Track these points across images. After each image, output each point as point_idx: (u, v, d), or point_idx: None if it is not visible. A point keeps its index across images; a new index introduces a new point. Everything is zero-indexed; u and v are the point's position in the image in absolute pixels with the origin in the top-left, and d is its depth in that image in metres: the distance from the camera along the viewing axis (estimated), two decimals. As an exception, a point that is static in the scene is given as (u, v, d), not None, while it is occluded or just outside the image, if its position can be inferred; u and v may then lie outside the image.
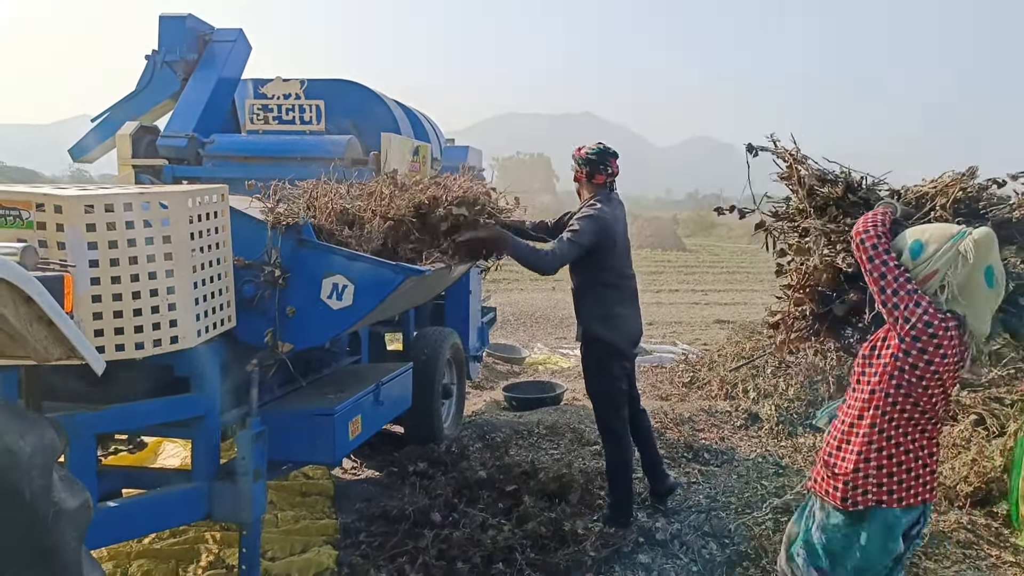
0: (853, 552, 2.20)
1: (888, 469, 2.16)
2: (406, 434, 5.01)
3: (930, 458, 2.20)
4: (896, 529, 2.19)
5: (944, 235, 2.11)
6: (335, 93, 4.96)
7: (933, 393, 2.12)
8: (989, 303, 2.10)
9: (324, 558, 3.50)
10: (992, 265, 2.07)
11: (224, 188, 2.84)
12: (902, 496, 2.15)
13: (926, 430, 2.19)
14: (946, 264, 2.07)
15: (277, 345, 2.92)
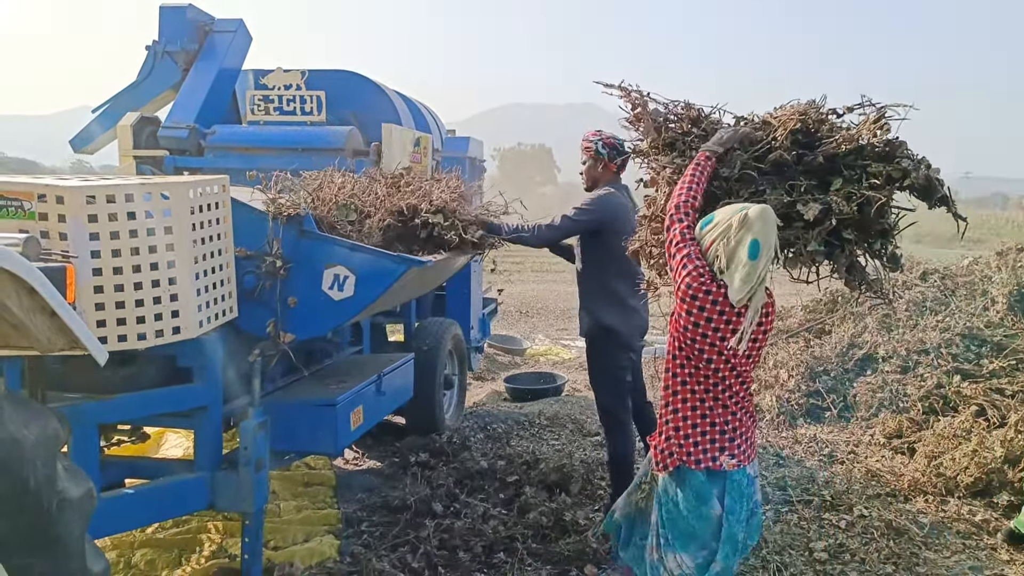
0: (677, 518, 2.31)
1: (684, 431, 2.29)
2: (407, 425, 5.02)
3: (726, 425, 2.29)
4: (705, 493, 2.26)
5: (730, 211, 2.24)
6: (336, 84, 4.94)
7: (711, 358, 2.23)
8: (748, 273, 2.16)
9: (326, 547, 3.52)
10: (758, 239, 2.16)
11: (225, 179, 2.84)
12: (699, 459, 2.26)
13: (719, 397, 2.29)
14: (719, 236, 2.21)
15: (279, 335, 2.93)
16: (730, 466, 2.28)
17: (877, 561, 3.57)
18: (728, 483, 2.28)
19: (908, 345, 5.88)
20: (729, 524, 2.26)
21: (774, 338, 7.13)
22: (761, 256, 2.17)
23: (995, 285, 6.13)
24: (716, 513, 2.27)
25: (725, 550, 2.27)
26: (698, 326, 2.21)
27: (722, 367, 2.26)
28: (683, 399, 2.31)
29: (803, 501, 4.18)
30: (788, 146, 2.45)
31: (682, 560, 2.30)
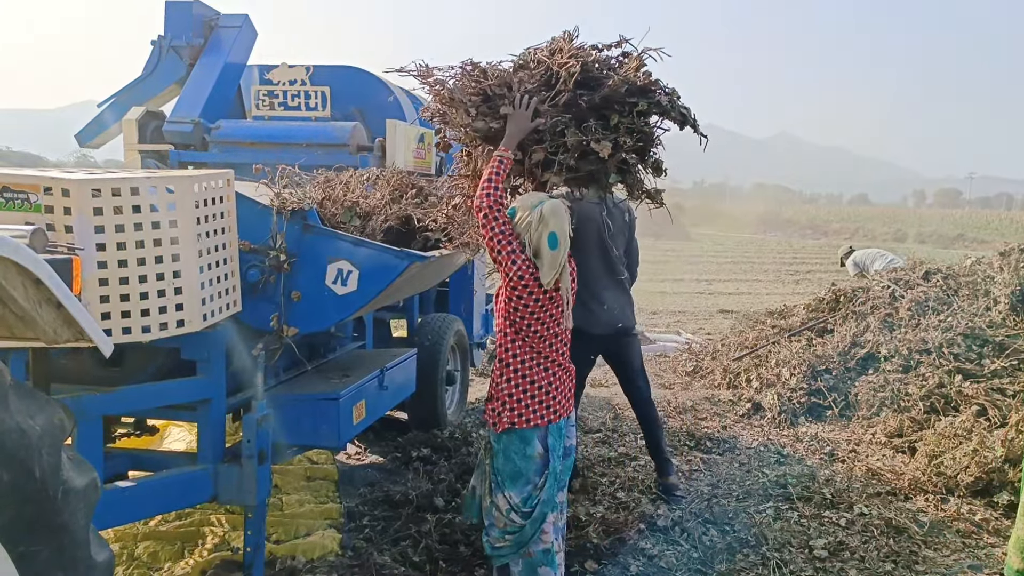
0: (506, 463, 2.68)
1: (516, 396, 2.66)
2: (409, 420, 5.04)
3: (550, 387, 2.69)
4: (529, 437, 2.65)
5: (528, 204, 2.64)
6: (341, 80, 4.96)
7: (537, 330, 2.65)
8: (552, 260, 2.58)
9: (328, 541, 3.53)
10: (555, 232, 2.57)
11: (230, 173, 2.85)
12: (529, 418, 2.65)
13: (544, 364, 2.69)
14: (524, 229, 2.61)
15: (283, 329, 2.95)
16: (553, 420, 2.69)
17: (876, 559, 3.58)
18: (550, 428, 2.69)
19: (910, 344, 5.88)
20: (552, 460, 2.68)
21: (777, 336, 7.14)
22: (560, 245, 2.59)
23: (997, 285, 6.13)
24: (539, 453, 2.67)
25: (549, 482, 2.67)
26: (527, 306, 2.61)
27: (547, 336, 2.68)
28: (514, 369, 2.68)
29: (803, 499, 4.19)
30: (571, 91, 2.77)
31: (510, 496, 2.67)
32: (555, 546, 2.74)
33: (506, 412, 2.67)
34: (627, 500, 4.12)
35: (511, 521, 2.67)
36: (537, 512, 2.66)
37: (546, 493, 2.67)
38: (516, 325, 2.66)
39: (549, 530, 2.71)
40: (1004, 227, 35.62)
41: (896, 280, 7.05)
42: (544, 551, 2.71)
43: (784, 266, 21.41)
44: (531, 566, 2.72)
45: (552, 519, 2.73)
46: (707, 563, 3.48)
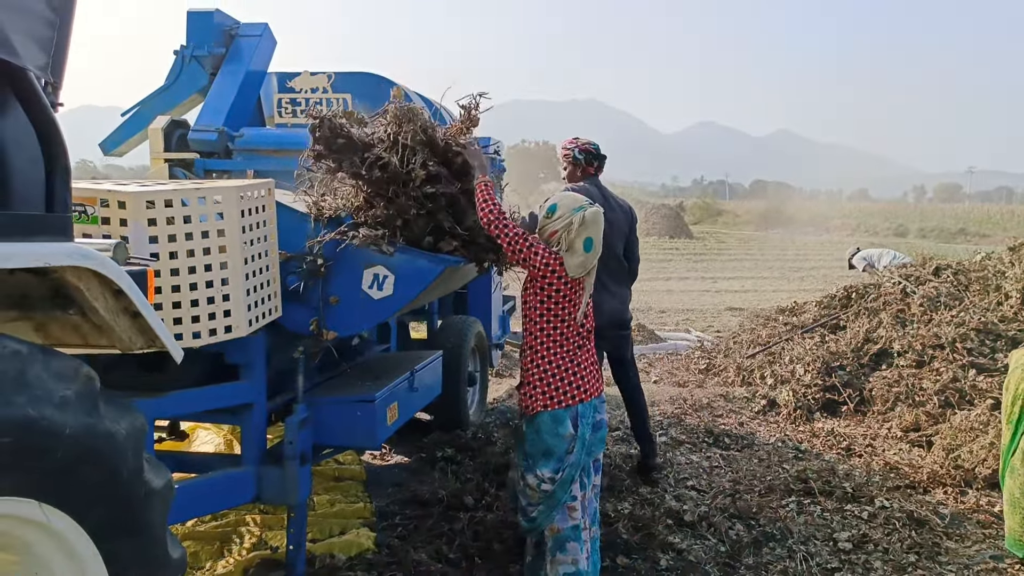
0: (537, 442, 2.82)
1: (546, 380, 2.82)
2: (433, 421, 5.12)
3: (578, 368, 2.86)
4: (561, 416, 2.79)
5: (570, 206, 2.84)
6: (361, 86, 5.02)
7: (564, 318, 2.83)
8: (584, 261, 2.79)
9: (364, 539, 3.61)
10: (591, 237, 2.79)
11: (271, 183, 2.93)
12: (560, 400, 2.80)
13: (571, 350, 2.85)
14: (564, 228, 2.80)
15: (322, 333, 3.02)
16: (584, 399, 2.85)
17: (900, 551, 3.66)
18: (579, 408, 2.84)
19: (923, 340, 5.96)
20: (581, 428, 2.82)
21: (789, 333, 7.22)
22: (594, 249, 2.81)
23: (1008, 280, 6.21)
24: (570, 433, 2.80)
25: (578, 447, 2.81)
26: (559, 291, 2.80)
27: (572, 324, 2.84)
28: (542, 355, 2.85)
29: (825, 493, 4.27)
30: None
31: (541, 474, 2.80)
32: (583, 523, 2.85)
33: (538, 395, 2.83)
34: (652, 496, 4.21)
35: (543, 492, 2.81)
36: (566, 474, 2.79)
37: (575, 456, 2.80)
38: (549, 312, 2.82)
39: (577, 507, 2.83)
40: (1005, 221, 35.67)
41: (906, 276, 7.13)
42: (572, 527, 2.82)
43: (788, 263, 21.48)
44: (559, 541, 2.84)
45: (581, 498, 2.84)
46: (735, 556, 3.56)
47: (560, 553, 2.84)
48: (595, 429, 2.90)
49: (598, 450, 2.96)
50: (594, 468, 3.00)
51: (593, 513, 3.00)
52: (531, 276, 2.86)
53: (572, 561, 2.83)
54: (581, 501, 2.86)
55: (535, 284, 2.84)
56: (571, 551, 2.84)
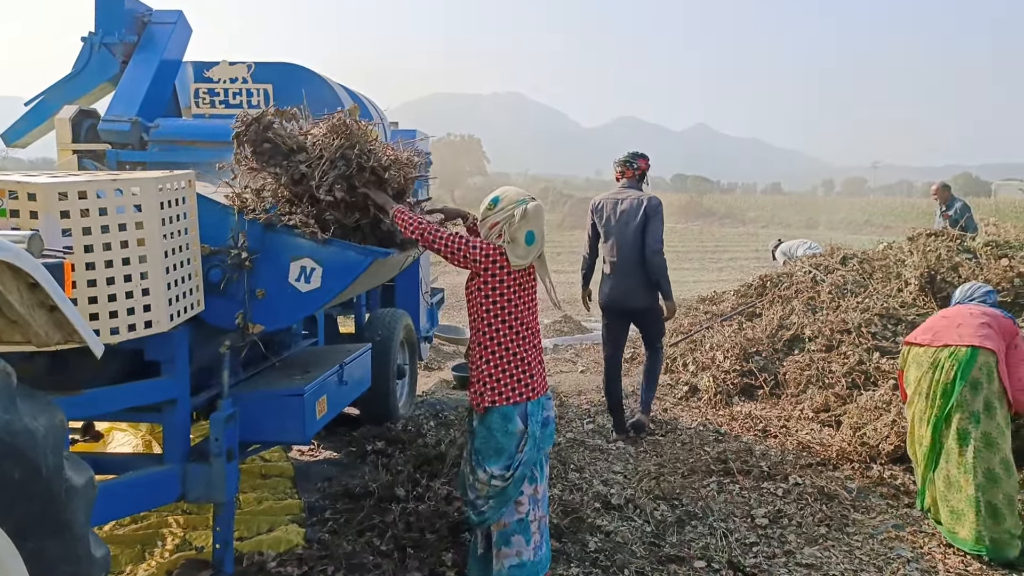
0: (489, 439, 2.84)
1: (496, 376, 2.83)
2: (362, 415, 5.09)
3: (527, 365, 2.86)
4: (510, 414, 2.81)
5: (513, 199, 2.87)
6: (283, 77, 4.93)
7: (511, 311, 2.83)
8: (525, 253, 2.83)
9: (292, 535, 3.57)
10: (533, 230, 2.83)
11: (191, 174, 2.87)
12: (508, 396, 2.82)
13: (519, 345, 2.85)
14: (505, 220, 2.82)
15: (248, 327, 2.98)
16: (531, 397, 2.86)
17: (812, 524, 3.87)
18: (529, 405, 2.86)
19: (832, 325, 6.28)
20: (531, 425, 2.84)
21: (709, 322, 7.48)
22: (536, 241, 2.85)
23: (908, 268, 6.60)
24: (520, 430, 2.82)
25: (529, 444, 2.83)
26: (502, 281, 2.81)
27: (522, 316, 2.86)
28: (491, 351, 2.84)
29: (743, 472, 4.46)
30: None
31: (491, 470, 2.82)
32: (531, 515, 2.88)
33: (487, 391, 2.83)
34: (580, 482, 4.31)
35: (494, 486, 2.82)
36: (519, 472, 2.82)
37: (526, 454, 2.82)
38: (495, 307, 2.83)
39: (525, 501, 2.86)
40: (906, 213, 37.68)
41: (817, 265, 7.48)
42: (518, 521, 2.86)
43: (708, 254, 22.15)
44: (505, 536, 2.87)
45: (529, 492, 2.88)
46: (660, 536, 3.70)
47: (505, 547, 2.88)
48: (544, 425, 2.93)
49: (547, 445, 2.98)
50: (545, 459, 3.03)
51: (547, 502, 3.04)
52: (474, 272, 2.86)
53: (517, 553, 2.87)
54: (532, 495, 2.90)
55: (479, 280, 2.85)
56: (516, 544, 2.87)
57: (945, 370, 3.70)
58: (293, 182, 3.10)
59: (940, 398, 3.71)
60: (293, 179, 3.10)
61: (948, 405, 3.68)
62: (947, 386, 3.69)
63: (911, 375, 3.91)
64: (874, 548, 3.65)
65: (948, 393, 3.69)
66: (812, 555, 3.57)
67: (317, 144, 3.15)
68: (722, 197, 55.51)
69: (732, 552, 3.53)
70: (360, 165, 3.11)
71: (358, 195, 3.12)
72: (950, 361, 3.70)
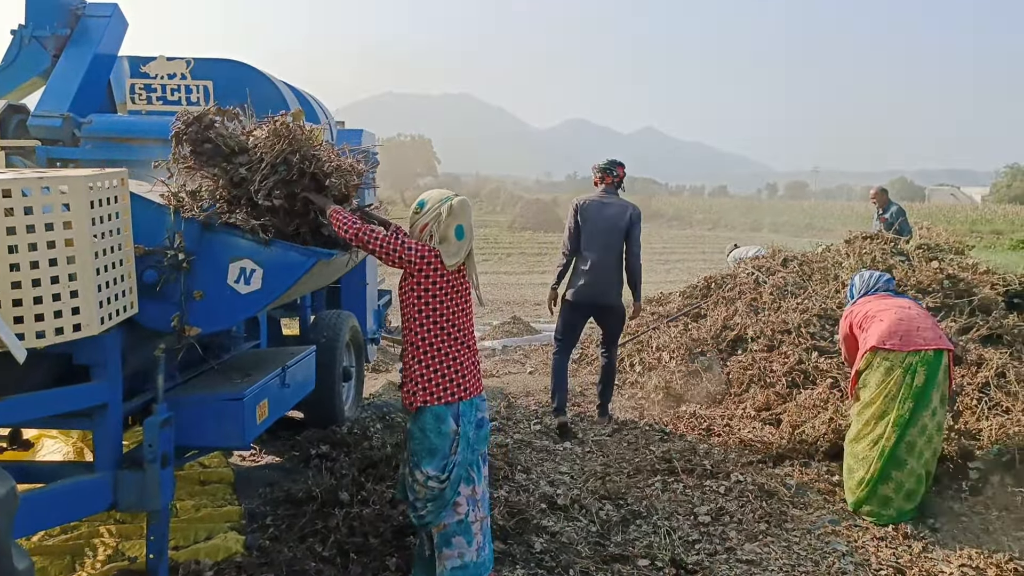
0: (423, 440, 2.83)
1: (427, 376, 2.83)
2: (306, 418, 5.00)
3: (460, 366, 2.87)
4: (443, 415, 2.81)
5: (437, 198, 2.90)
6: (223, 74, 4.82)
7: (443, 312, 2.84)
8: (458, 248, 2.85)
9: (231, 543, 3.49)
10: (461, 224, 2.86)
11: (124, 172, 2.77)
12: (440, 396, 2.82)
13: (451, 345, 2.86)
14: (433, 219, 2.85)
15: (184, 329, 2.89)
16: (464, 397, 2.86)
17: (752, 520, 3.96)
18: (461, 405, 2.86)
19: (773, 326, 6.43)
20: (463, 426, 2.84)
21: (656, 322, 7.58)
22: (466, 236, 2.87)
23: (844, 270, 6.80)
24: (453, 430, 2.82)
25: (461, 445, 2.83)
26: (435, 283, 2.81)
27: (455, 316, 2.86)
28: (424, 351, 2.84)
29: (687, 471, 4.53)
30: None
31: (427, 471, 2.81)
32: (471, 516, 2.88)
33: (419, 391, 2.83)
34: (527, 483, 4.32)
35: (430, 488, 2.82)
36: (453, 475, 2.82)
37: (459, 456, 2.82)
38: (428, 308, 2.83)
39: (463, 503, 2.86)
40: (845, 216, 38.83)
41: (759, 267, 7.65)
42: (458, 522, 2.85)
43: (655, 256, 22.42)
44: (445, 537, 2.86)
45: (467, 492, 2.87)
46: (605, 535, 3.73)
47: (447, 548, 2.87)
48: (478, 427, 2.94)
49: (483, 446, 3.00)
50: (483, 460, 3.04)
51: (487, 503, 3.04)
52: (408, 273, 2.86)
53: (459, 555, 2.87)
54: (471, 496, 2.90)
55: (412, 281, 2.85)
56: (457, 545, 2.87)
57: (918, 374, 3.92)
58: (232, 184, 3.04)
59: (910, 400, 3.91)
60: (232, 182, 3.04)
61: (920, 407, 3.90)
62: (919, 389, 3.90)
63: (875, 378, 4.04)
64: (811, 543, 3.75)
65: (919, 395, 3.90)
66: (752, 551, 3.65)
67: (259, 147, 3.09)
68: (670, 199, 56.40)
69: (675, 550, 3.58)
70: (301, 170, 3.06)
71: (298, 201, 3.07)
72: (922, 366, 3.92)
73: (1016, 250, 23.20)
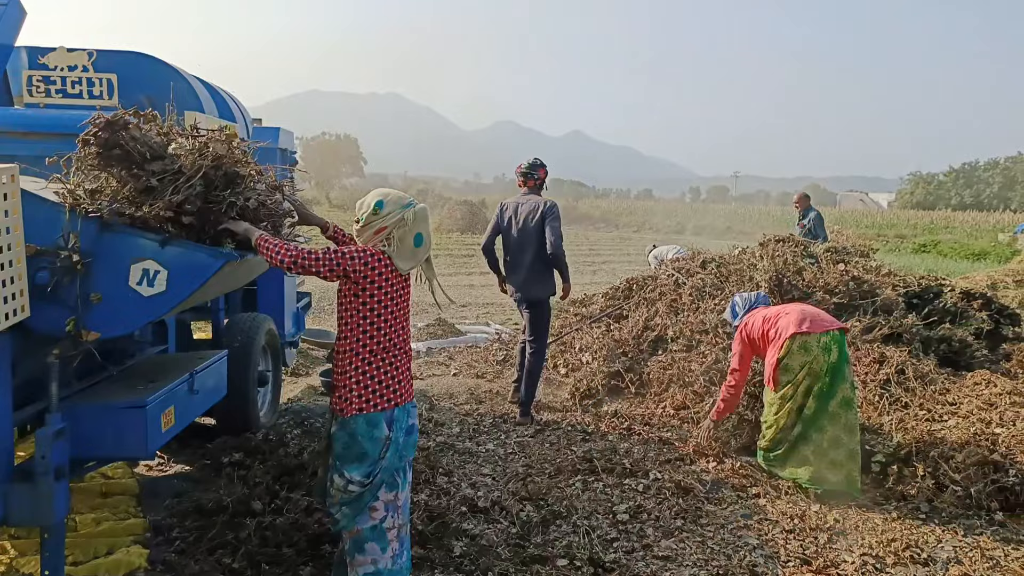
0: (352, 445, 2.76)
1: (363, 383, 2.76)
2: (219, 425, 4.84)
3: (395, 371, 2.82)
4: (376, 420, 2.75)
5: (398, 203, 2.81)
6: (128, 67, 4.60)
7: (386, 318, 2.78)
8: (413, 255, 2.82)
9: (134, 557, 3.34)
10: (421, 233, 2.82)
11: (14, 168, 2.60)
12: (376, 403, 2.76)
13: (388, 351, 2.80)
14: (395, 224, 2.77)
15: (81, 334, 2.74)
16: (399, 403, 2.82)
17: (669, 517, 4.03)
18: (395, 411, 2.81)
19: (692, 326, 6.58)
20: (395, 432, 2.79)
21: (579, 324, 7.66)
22: (424, 244, 2.84)
23: (759, 271, 7.02)
24: (385, 436, 2.77)
25: (391, 451, 2.78)
26: (374, 296, 2.73)
27: (395, 322, 2.80)
28: (361, 357, 2.76)
29: (607, 470, 4.59)
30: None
31: (350, 476, 2.75)
32: (387, 522, 2.82)
33: (354, 399, 2.75)
34: (448, 486, 4.28)
35: (350, 492, 2.75)
36: (377, 479, 2.76)
37: (387, 461, 2.77)
38: (372, 313, 2.75)
39: (380, 507, 2.79)
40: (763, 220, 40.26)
41: (679, 269, 7.83)
42: (372, 527, 2.79)
43: (582, 258, 22.71)
44: (358, 543, 2.80)
45: (388, 498, 2.81)
46: (525, 536, 3.73)
47: (359, 554, 2.81)
48: (408, 433, 2.88)
49: (410, 453, 2.95)
50: (408, 466, 2.98)
51: (404, 508, 2.96)
52: (355, 278, 2.74)
53: (372, 562, 2.81)
54: (392, 502, 2.83)
55: (356, 287, 2.75)
56: (370, 552, 2.81)
57: (832, 351, 4.35)
58: (139, 192, 2.89)
59: (827, 375, 4.34)
60: (139, 189, 2.89)
61: (837, 379, 4.34)
62: (834, 364, 4.35)
63: (797, 360, 4.40)
64: (724, 537, 3.85)
65: (835, 370, 4.34)
66: (668, 547, 3.71)
67: (180, 157, 2.94)
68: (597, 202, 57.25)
69: (593, 549, 3.61)
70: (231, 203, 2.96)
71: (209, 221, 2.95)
72: (834, 343, 4.37)
73: (918, 253, 24.52)
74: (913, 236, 30.65)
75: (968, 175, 75.75)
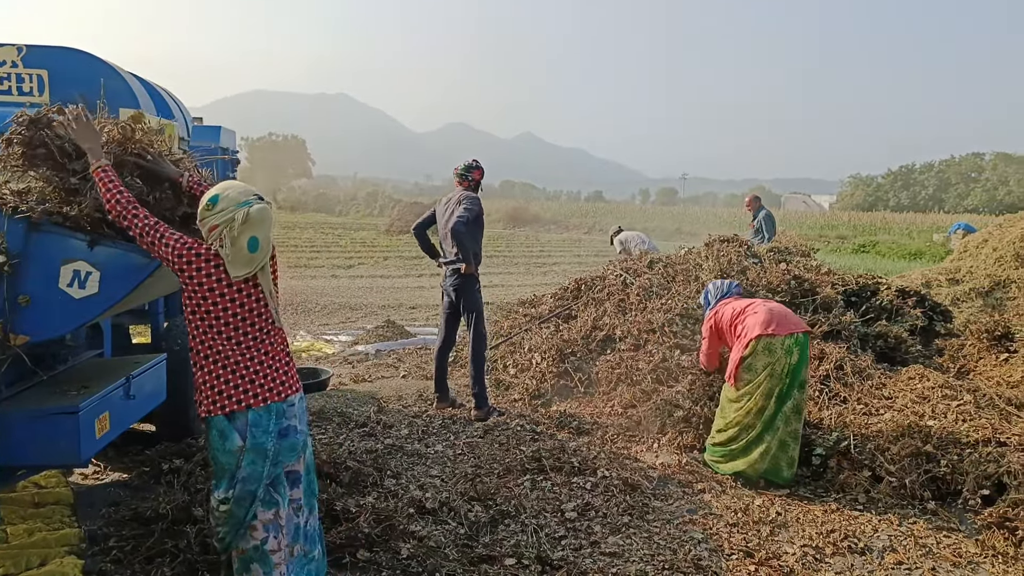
0: (215, 459, 2.62)
1: (210, 383, 2.58)
2: (159, 431, 4.71)
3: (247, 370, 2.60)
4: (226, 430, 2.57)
5: (235, 200, 2.56)
6: (60, 62, 4.44)
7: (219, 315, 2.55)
8: (248, 260, 2.55)
9: (68, 568, 3.22)
10: (257, 236, 2.54)
11: (-68, 164, 2.50)
12: (224, 404, 2.56)
13: (243, 348, 2.59)
14: (225, 223, 2.52)
15: (8, 338, 2.64)
16: (254, 404, 2.58)
17: (616, 514, 4.07)
18: (251, 415, 2.57)
19: (639, 325, 6.66)
20: (256, 437, 2.56)
21: (528, 324, 7.68)
22: (260, 249, 2.55)
23: (704, 271, 7.15)
24: (238, 447, 2.55)
25: (248, 458, 2.56)
26: (202, 285, 2.52)
27: (237, 327, 2.57)
28: (205, 355, 2.58)
29: (556, 469, 4.61)
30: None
31: (220, 494, 2.59)
32: (269, 544, 2.65)
33: (204, 400, 2.59)
34: (396, 488, 4.24)
35: (222, 511, 2.61)
36: (239, 491, 2.57)
37: (246, 470, 2.57)
38: (208, 313, 2.55)
39: (259, 528, 2.64)
40: (710, 221, 40.97)
41: (627, 269, 7.91)
42: (255, 548, 2.64)
43: (533, 259, 22.81)
44: (244, 563, 2.67)
45: (266, 517, 2.65)
46: (473, 537, 3.72)
47: (246, 575, 2.67)
48: (283, 436, 2.64)
49: (288, 459, 2.68)
50: (290, 481, 2.75)
51: (296, 529, 2.78)
52: (175, 270, 2.58)
53: None
54: (272, 521, 2.64)
55: (184, 279, 2.56)
56: (255, 573, 2.65)
57: (794, 353, 4.44)
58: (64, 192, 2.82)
59: (787, 376, 4.43)
60: (64, 189, 2.81)
61: (794, 383, 4.44)
62: (794, 367, 4.44)
63: (760, 361, 4.48)
64: (671, 532, 3.90)
65: (794, 372, 4.44)
66: (615, 544, 3.75)
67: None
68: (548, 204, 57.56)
69: (541, 547, 3.62)
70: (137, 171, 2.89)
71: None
72: (796, 346, 4.45)
73: (857, 253, 25.28)
74: (853, 237, 31.58)
75: (905, 177, 78.50)
